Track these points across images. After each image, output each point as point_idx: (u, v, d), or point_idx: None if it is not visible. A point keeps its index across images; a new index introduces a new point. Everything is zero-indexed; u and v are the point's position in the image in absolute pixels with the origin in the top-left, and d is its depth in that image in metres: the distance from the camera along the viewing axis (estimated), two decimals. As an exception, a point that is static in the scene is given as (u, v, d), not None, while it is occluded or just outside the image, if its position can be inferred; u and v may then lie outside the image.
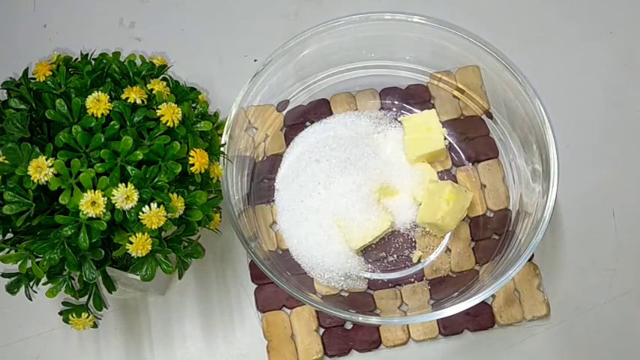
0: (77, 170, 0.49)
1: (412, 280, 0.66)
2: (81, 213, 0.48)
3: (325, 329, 0.65)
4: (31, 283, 0.52)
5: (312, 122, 0.72)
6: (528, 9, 0.79)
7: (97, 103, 0.51)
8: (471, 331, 0.65)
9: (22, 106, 0.52)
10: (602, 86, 0.75)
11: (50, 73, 0.54)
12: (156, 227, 0.49)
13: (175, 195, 0.51)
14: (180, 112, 0.53)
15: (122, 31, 0.77)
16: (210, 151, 0.55)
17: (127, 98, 0.52)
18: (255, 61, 0.75)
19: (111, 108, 0.51)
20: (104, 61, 0.56)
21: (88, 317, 0.54)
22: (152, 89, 0.55)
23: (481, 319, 0.65)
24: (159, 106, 0.52)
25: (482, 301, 0.59)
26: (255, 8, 0.79)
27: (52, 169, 0.48)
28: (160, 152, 0.51)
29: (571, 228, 0.69)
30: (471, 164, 0.71)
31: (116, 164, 0.50)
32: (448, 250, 0.68)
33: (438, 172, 0.70)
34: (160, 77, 0.58)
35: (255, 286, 0.67)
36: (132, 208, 0.49)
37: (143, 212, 0.49)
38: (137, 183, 0.49)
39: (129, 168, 0.50)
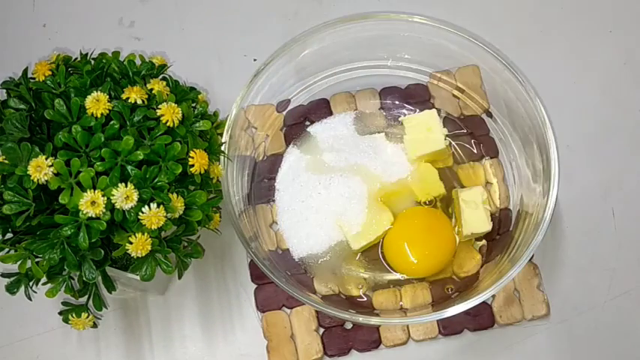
0: (77, 170, 0.49)
1: (412, 280, 0.66)
2: (80, 213, 0.48)
3: (325, 329, 0.65)
4: (30, 283, 0.52)
5: (312, 122, 0.72)
6: (528, 8, 0.79)
7: (97, 103, 0.51)
8: (471, 330, 0.65)
9: (22, 106, 0.52)
10: (602, 86, 0.75)
11: (50, 72, 0.54)
12: (155, 227, 0.49)
13: (175, 195, 0.51)
14: (180, 111, 0.53)
15: (122, 30, 0.77)
16: (210, 150, 0.55)
17: (128, 98, 0.52)
18: (255, 60, 0.75)
19: (110, 108, 0.51)
20: (104, 60, 0.56)
21: (87, 317, 0.54)
22: (152, 89, 0.54)
23: (481, 318, 0.65)
24: (159, 106, 0.52)
25: (482, 301, 0.59)
26: (255, 8, 0.79)
27: (51, 169, 0.48)
28: (160, 152, 0.51)
29: (571, 228, 0.69)
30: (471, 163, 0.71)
31: (116, 164, 0.50)
32: (448, 250, 0.68)
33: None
34: (160, 77, 0.58)
35: (255, 285, 0.67)
36: (131, 208, 0.49)
37: (143, 212, 0.49)
38: (137, 183, 0.49)
39: (129, 168, 0.50)
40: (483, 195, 0.66)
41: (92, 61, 0.57)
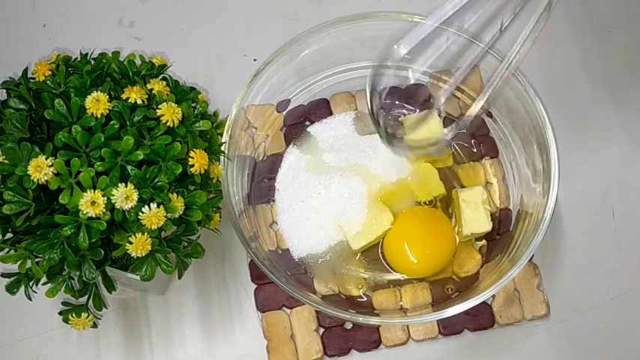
0: (77, 170, 0.49)
1: (412, 280, 0.66)
2: (80, 213, 0.48)
3: (325, 329, 0.65)
4: (30, 283, 0.52)
5: (312, 122, 0.72)
6: (528, 9, 0.79)
7: (97, 103, 0.51)
8: (471, 330, 0.65)
9: (22, 106, 0.52)
10: (602, 86, 0.75)
11: (50, 72, 0.54)
12: (155, 227, 0.49)
13: (175, 195, 0.51)
14: (180, 111, 0.53)
15: (122, 30, 0.77)
16: (210, 150, 0.55)
17: (128, 98, 0.52)
18: (255, 60, 0.75)
19: (110, 108, 0.51)
20: (104, 60, 0.56)
21: (87, 317, 0.54)
22: (152, 89, 0.54)
23: (481, 318, 0.65)
24: (159, 106, 0.52)
25: (482, 301, 0.59)
26: (254, 8, 0.79)
27: (51, 169, 0.48)
28: (160, 152, 0.51)
29: (571, 228, 0.69)
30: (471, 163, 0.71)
31: (116, 164, 0.50)
32: (448, 250, 0.68)
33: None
34: (160, 77, 0.58)
35: (255, 285, 0.67)
36: (131, 208, 0.49)
37: (143, 212, 0.49)
38: (137, 183, 0.49)
39: (129, 168, 0.50)
40: (483, 195, 0.66)
41: (92, 61, 0.57)
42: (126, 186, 0.49)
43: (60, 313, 0.55)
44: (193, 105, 0.57)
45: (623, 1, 0.79)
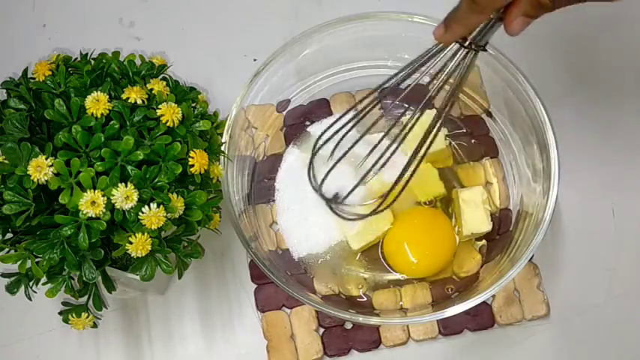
0: (77, 170, 0.49)
1: (412, 280, 0.66)
2: (80, 213, 0.48)
3: (325, 329, 0.65)
4: (30, 283, 0.52)
5: (312, 122, 0.72)
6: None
7: (97, 103, 0.51)
8: (471, 330, 0.65)
9: (22, 106, 0.52)
10: (602, 86, 0.75)
11: (50, 72, 0.54)
12: (155, 227, 0.49)
13: (175, 195, 0.51)
14: (180, 111, 0.53)
15: (122, 30, 0.77)
16: (210, 150, 0.55)
17: (128, 98, 0.52)
18: (255, 60, 0.75)
19: (110, 108, 0.51)
20: (103, 60, 0.56)
21: (87, 317, 0.54)
22: (152, 89, 0.54)
23: (481, 318, 0.65)
24: (159, 106, 0.52)
25: (482, 301, 0.59)
26: (255, 8, 0.79)
27: (51, 169, 0.48)
28: (160, 152, 0.51)
29: (571, 228, 0.69)
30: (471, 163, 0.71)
31: (116, 164, 0.50)
32: (448, 250, 0.68)
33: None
34: (160, 77, 0.58)
35: (255, 285, 0.67)
36: (131, 208, 0.49)
37: (143, 212, 0.49)
38: (137, 183, 0.49)
39: (129, 168, 0.50)
40: (483, 195, 0.66)
41: (92, 61, 0.57)
42: (126, 186, 0.49)
43: (60, 313, 0.55)
44: (193, 105, 0.57)
45: (624, 1, 0.79)
